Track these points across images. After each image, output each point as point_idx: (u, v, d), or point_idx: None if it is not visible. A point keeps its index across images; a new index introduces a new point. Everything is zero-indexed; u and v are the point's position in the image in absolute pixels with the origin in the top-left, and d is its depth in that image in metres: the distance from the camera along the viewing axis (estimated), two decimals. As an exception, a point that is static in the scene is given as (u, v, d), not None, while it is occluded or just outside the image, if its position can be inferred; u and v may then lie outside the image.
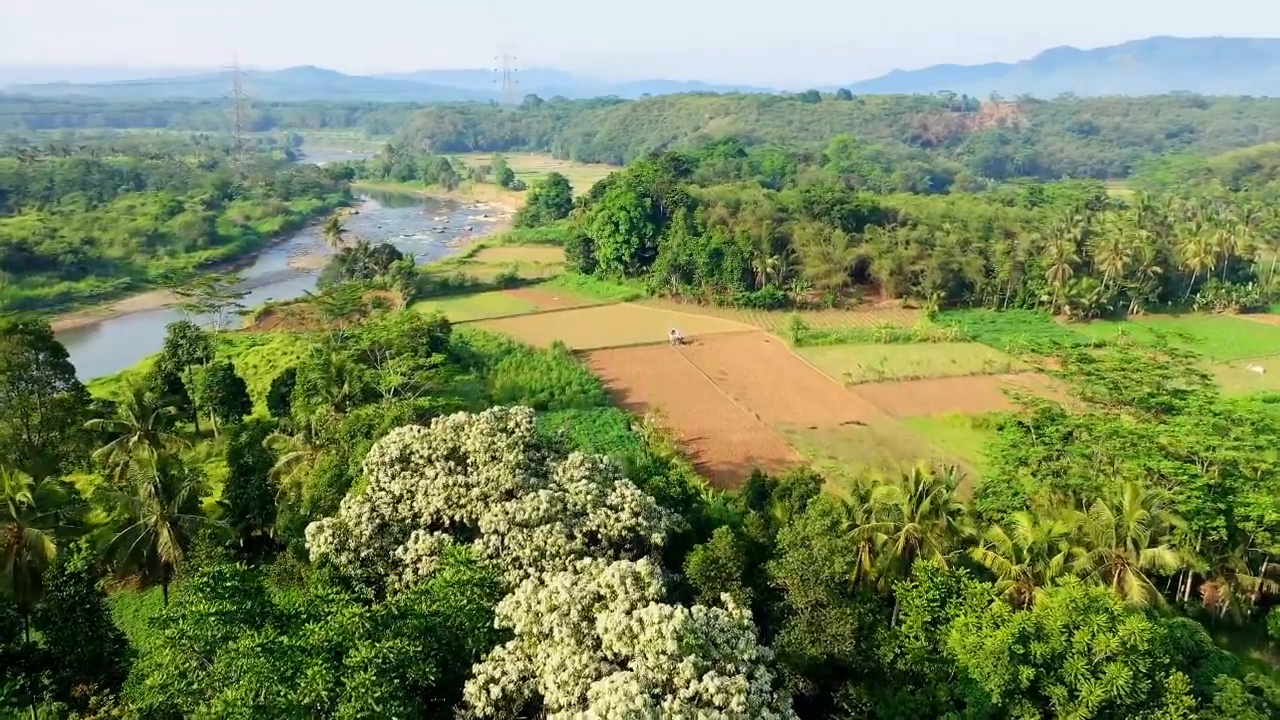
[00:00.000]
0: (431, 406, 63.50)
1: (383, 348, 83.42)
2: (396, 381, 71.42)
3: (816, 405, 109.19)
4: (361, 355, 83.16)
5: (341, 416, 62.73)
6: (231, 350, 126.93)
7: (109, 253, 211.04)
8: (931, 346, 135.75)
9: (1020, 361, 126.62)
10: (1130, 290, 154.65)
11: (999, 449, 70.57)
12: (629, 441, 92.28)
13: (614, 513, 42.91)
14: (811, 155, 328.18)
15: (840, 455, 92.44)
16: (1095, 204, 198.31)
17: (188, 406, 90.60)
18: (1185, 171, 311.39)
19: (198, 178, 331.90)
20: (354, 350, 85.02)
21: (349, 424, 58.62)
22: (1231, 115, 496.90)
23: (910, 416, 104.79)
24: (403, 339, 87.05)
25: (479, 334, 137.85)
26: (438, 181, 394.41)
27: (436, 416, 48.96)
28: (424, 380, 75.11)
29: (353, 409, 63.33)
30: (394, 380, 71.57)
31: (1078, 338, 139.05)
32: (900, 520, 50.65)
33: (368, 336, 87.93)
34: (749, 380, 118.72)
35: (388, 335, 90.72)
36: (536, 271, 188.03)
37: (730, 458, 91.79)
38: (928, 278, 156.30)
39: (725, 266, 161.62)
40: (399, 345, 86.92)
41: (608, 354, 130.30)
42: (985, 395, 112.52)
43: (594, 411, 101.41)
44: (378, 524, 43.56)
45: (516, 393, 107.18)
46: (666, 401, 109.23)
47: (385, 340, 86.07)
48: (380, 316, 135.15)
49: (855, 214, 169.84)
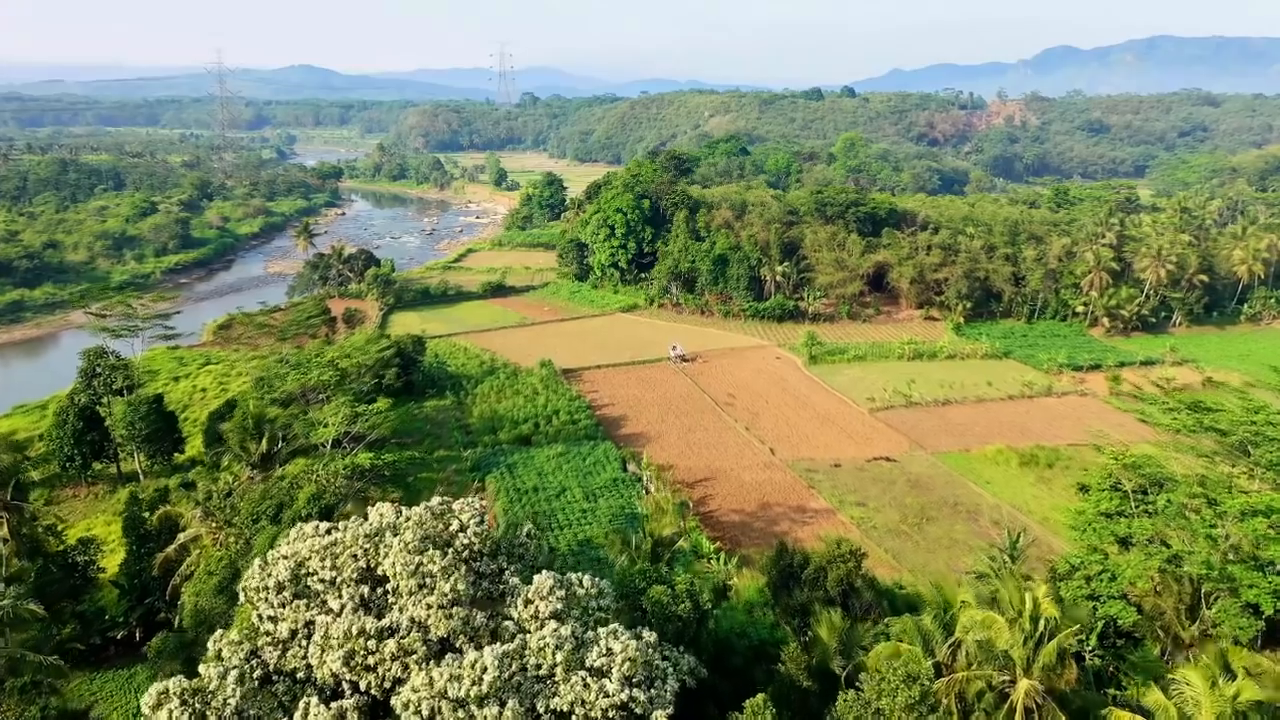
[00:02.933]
0: (374, 466, 50.40)
1: (319, 390, 68.28)
2: (330, 434, 57.80)
3: (837, 436, 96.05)
4: (290, 398, 68.98)
5: (263, 478, 49.75)
6: (182, 370, 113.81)
7: (71, 257, 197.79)
8: (960, 364, 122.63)
9: (1063, 382, 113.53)
10: (1173, 301, 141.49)
11: (1088, 518, 57.13)
12: (624, 486, 79.10)
13: (597, 679, 29.80)
14: (817, 154, 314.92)
15: (870, 501, 79.28)
16: (1127, 205, 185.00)
17: (108, 445, 77.44)
18: (1208, 171, 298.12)
19: (179, 177, 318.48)
20: (281, 390, 70.56)
21: (251, 503, 45.57)
22: (1245, 114, 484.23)
23: (946, 451, 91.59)
24: (357, 368, 72.95)
25: (459, 350, 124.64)
26: (429, 181, 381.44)
27: (346, 521, 35.33)
28: (368, 429, 61.15)
29: (276, 469, 50.34)
30: (327, 433, 57.96)
31: (1121, 354, 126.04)
32: (1009, 670, 35.67)
33: (312, 369, 72.69)
34: (760, 405, 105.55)
35: (350, 362, 76.88)
36: (527, 278, 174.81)
37: (743, 504, 78.66)
38: (952, 287, 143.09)
39: (730, 274, 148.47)
40: (356, 369, 72.85)
41: (601, 374, 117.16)
42: (1029, 423, 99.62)
43: (585, 446, 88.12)
44: (259, 678, 30.61)
45: (496, 422, 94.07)
46: (667, 432, 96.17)
47: (327, 379, 70.39)
48: (347, 333, 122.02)
49: (871, 217, 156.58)
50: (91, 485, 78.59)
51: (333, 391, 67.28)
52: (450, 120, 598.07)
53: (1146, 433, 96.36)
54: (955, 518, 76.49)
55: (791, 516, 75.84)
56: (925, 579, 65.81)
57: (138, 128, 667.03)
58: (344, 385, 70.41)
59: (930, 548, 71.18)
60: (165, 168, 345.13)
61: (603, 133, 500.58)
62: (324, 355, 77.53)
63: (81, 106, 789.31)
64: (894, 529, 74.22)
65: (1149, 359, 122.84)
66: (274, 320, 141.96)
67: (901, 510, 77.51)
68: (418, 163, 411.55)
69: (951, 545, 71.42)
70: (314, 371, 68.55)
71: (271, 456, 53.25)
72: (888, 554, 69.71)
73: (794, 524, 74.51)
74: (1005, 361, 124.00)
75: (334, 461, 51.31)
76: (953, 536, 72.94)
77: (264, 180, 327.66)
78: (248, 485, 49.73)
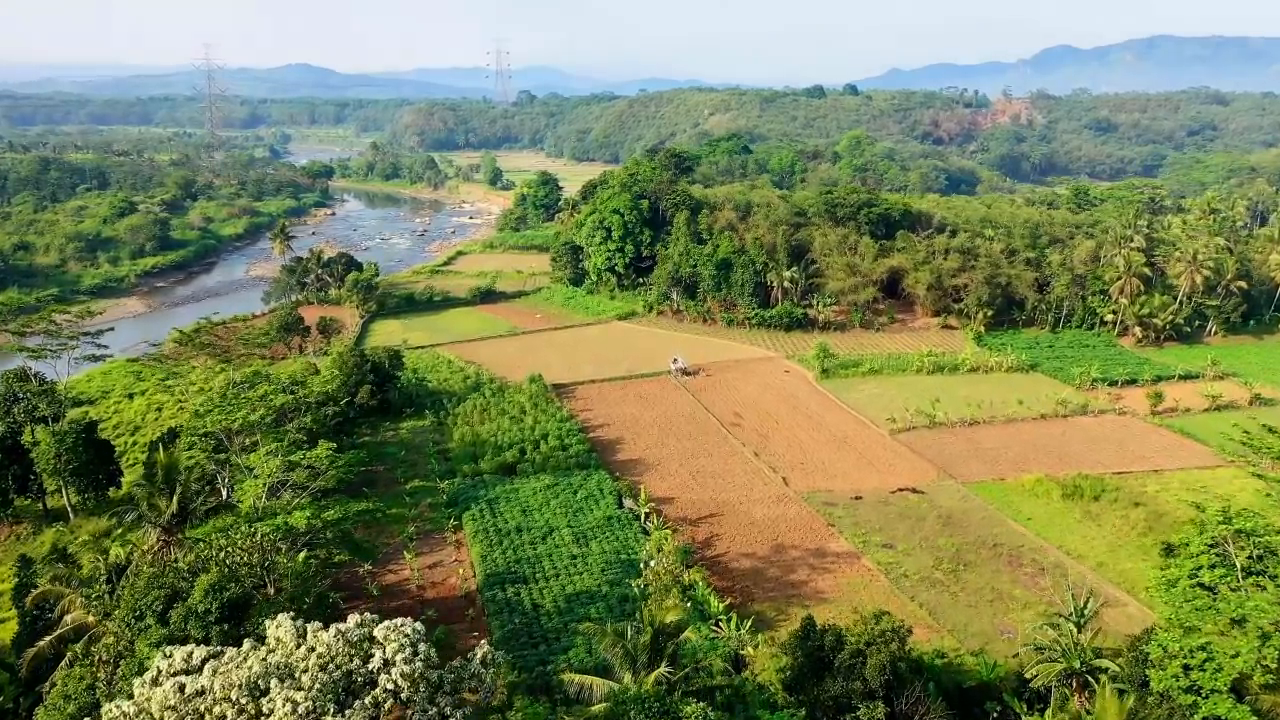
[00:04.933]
0: (311, 528, 41.00)
1: (240, 431, 56.62)
2: (256, 492, 47.63)
3: (856, 462, 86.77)
4: (228, 433, 58.29)
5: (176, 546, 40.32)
6: (138, 386, 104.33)
7: (42, 260, 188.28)
8: (984, 379, 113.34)
9: (1098, 399, 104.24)
10: (1209, 309, 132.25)
11: (1181, 591, 47.64)
12: (620, 526, 69.72)
13: None
14: (821, 153, 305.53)
15: (898, 542, 69.98)
16: (1152, 206, 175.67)
17: (33, 479, 68.11)
18: (1225, 171, 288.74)
19: (164, 176, 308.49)
20: (207, 429, 59.51)
21: (134, 594, 35.96)
22: (1255, 112, 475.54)
23: (979, 480, 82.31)
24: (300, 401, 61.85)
25: (442, 363, 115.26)
26: (423, 180, 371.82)
27: (221, 660, 25.87)
28: (308, 479, 50.69)
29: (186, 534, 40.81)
30: (254, 491, 47.82)
31: (1157, 366, 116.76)
32: None
33: (238, 409, 60.63)
34: (769, 426, 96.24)
35: (302, 392, 66.45)
36: (518, 283, 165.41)
37: (754, 545, 69.34)
38: (972, 293, 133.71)
39: (735, 279, 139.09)
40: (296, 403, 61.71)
41: (596, 389, 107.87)
42: (1067, 446, 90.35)
43: (576, 476, 78.74)
44: None
45: (478, 448, 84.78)
46: (668, 458, 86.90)
47: (257, 418, 58.55)
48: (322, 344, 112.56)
49: (885, 219, 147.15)
50: (14, 524, 69.31)
51: (263, 434, 56.59)
52: (446, 119, 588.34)
53: (1201, 456, 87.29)
54: (995, 562, 67.26)
55: (810, 562, 66.57)
56: (970, 641, 56.63)
57: (130, 126, 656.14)
58: (285, 423, 59.87)
59: (971, 600, 61.92)
60: (152, 166, 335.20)
61: (600, 131, 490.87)
62: (261, 388, 64.86)
63: (74, 105, 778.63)
64: (927, 576, 64.98)
65: (1189, 372, 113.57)
66: (248, 329, 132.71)
67: (934, 554, 68.24)
68: (411, 162, 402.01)
69: (995, 599, 62.14)
70: (240, 412, 57.39)
71: (186, 515, 43.86)
72: (923, 609, 60.46)
73: (813, 571, 65.28)
74: (1033, 375, 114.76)
75: (262, 525, 41.52)
76: (995, 587, 63.67)
77: (252, 179, 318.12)
78: (148, 558, 40.21)
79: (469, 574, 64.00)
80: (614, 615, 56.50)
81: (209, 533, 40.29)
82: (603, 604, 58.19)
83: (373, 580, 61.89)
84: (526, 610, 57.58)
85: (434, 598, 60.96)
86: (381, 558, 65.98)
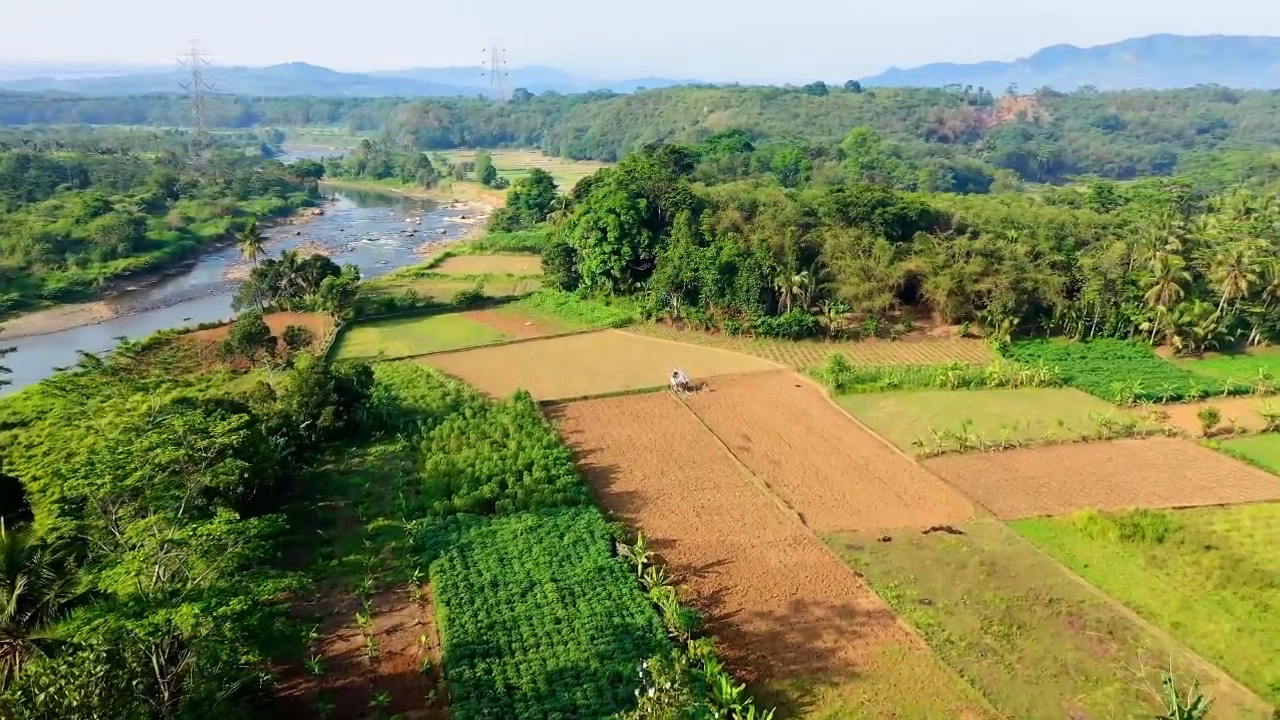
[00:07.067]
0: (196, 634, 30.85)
1: (118, 499, 42.89)
2: (127, 581, 36.20)
3: (881, 495, 76.78)
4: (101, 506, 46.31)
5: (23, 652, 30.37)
6: (80, 408, 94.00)
7: (6, 262, 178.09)
8: (1015, 394, 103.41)
9: (1144, 418, 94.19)
10: (1252, 316, 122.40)
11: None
12: (614, 579, 59.59)
13: None
14: (826, 150, 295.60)
15: (939, 598, 59.92)
16: (1183, 205, 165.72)
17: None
18: (1244, 168, 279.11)
19: (148, 174, 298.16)
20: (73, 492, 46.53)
21: None
22: (1265, 110, 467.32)
23: (1022, 517, 72.29)
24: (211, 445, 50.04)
25: (421, 376, 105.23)
26: (415, 179, 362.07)
27: None
28: (199, 564, 38.70)
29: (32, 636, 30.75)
30: (126, 577, 36.44)
31: (1203, 380, 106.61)
32: None
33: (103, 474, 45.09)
34: (782, 451, 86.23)
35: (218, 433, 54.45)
36: (508, 287, 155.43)
37: (770, 602, 59.25)
38: (997, 300, 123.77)
39: (739, 284, 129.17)
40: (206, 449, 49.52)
41: (589, 407, 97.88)
42: (1116, 474, 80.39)
43: (563, 515, 68.65)
44: None
45: (453, 480, 74.78)
46: (668, 489, 76.90)
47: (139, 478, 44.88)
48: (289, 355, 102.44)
49: (901, 219, 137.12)
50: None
51: (151, 498, 45.20)
52: (441, 117, 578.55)
53: (1270, 487, 77.26)
54: (1054, 623, 57.20)
55: (836, 624, 56.54)
56: (1035, 734, 46.63)
57: (122, 125, 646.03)
58: (185, 478, 48.91)
59: (1031, 675, 51.87)
60: (136, 164, 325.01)
61: (598, 129, 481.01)
62: (149, 437, 50.80)
63: (67, 103, 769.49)
64: (975, 643, 54.95)
65: (1239, 387, 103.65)
66: (213, 338, 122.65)
67: (981, 611, 58.24)
68: (404, 160, 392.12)
69: (1060, 672, 52.11)
70: (106, 478, 44.33)
71: (37, 613, 33.46)
72: (974, 687, 50.44)
73: (841, 636, 55.24)
74: (1067, 390, 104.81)
75: (145, 622, 31.02)
76: (1057, 656, 53.63)
77: (238, 178, 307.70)
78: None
79: (434, 641, 54.00)
80: (604, 702, 46.55)
81: (71, 630, 30.27)
82: (591, 685, 48.18)
83: (317, 652, 52.01)
84: (499, 695, 47.55)
85: (389, 674, 50.98)
86: (331, 620, 56.10)
